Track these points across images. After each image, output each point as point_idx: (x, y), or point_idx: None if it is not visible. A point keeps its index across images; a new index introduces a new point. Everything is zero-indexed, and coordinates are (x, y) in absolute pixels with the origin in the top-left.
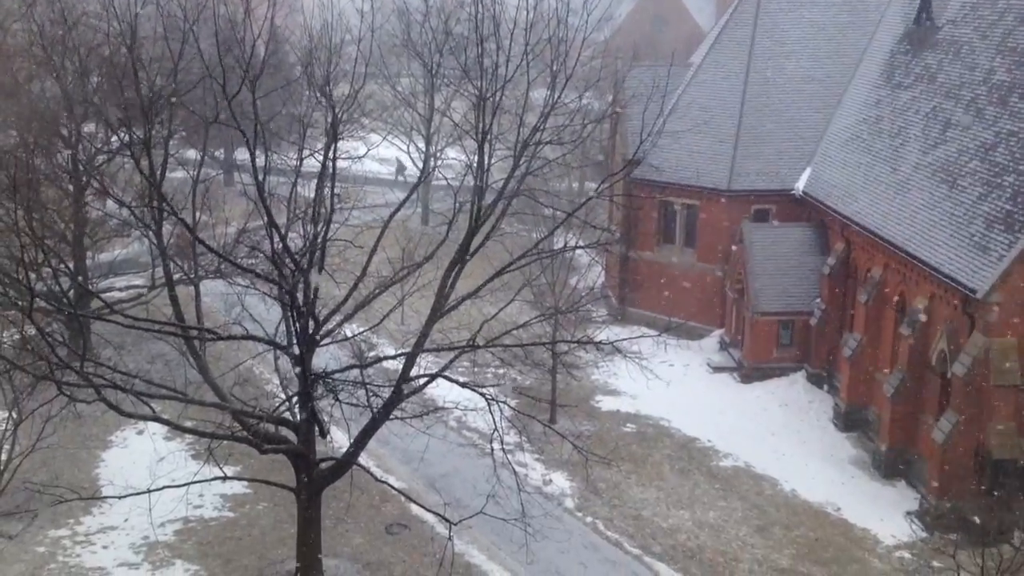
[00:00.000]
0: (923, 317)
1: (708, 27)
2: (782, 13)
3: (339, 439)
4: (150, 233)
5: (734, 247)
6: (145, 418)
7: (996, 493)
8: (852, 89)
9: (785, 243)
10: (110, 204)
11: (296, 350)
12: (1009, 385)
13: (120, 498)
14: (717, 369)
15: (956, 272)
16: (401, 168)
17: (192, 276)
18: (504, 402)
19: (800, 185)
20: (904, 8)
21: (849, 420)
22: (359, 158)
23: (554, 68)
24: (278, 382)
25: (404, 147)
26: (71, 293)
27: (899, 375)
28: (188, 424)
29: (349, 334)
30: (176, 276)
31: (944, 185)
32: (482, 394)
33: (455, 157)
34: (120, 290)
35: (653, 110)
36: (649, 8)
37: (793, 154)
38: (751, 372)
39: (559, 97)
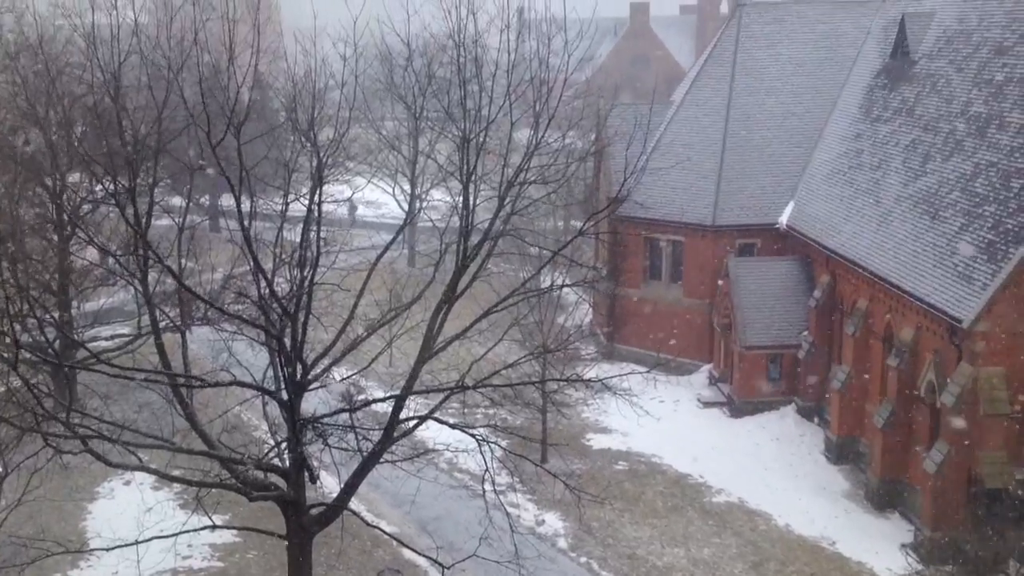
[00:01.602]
0: (909, 348)
1: (688, 65)
2: (760, 50)
3: (329, 484)
4: (136, 281)
5: (720, 282)
6: (132, 468)
7: (989, 523)
8: (832, 123)
9: (771, 277)
10: (95, 253)
11: (284, 395)
12: (998, 414)
13: (108, 550)
14: (707, 404)
15: (941, 302)
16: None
17: (179, 323)
18: (495, 443)
19: (784, 219)
20: (880, 43)
21: (841, 452)
22: (345, 201)
23: (537, 108)
24: (267, 428)
25: (390, 189)
26: (56, 343)
27: (889, 406)
28: (176, 473)
29: (338, 378)
30: (162, 324)
31: (926, 216)
32: (472, 435)
33: (440, 198)
34: (106, 339)
35: (636, 148)
36: (630, 48)
37: (776, 188)
38: (741, 406)
39: (542, 137)
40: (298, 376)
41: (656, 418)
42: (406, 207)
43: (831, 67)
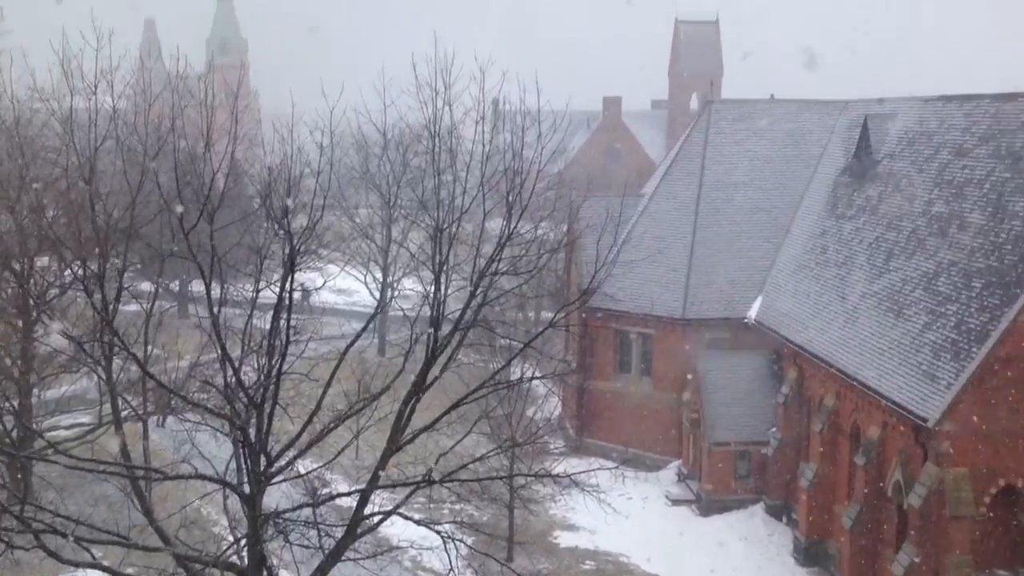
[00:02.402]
0: (876, 447)
1: (659, 159)
2: (729, 146)
3: None
4: (99, 368)
5: (690, 376)
6: (85, 565)
7: None
8: (798, 219)
9: (740, 372)
10: (59, 339)
11: (246, 489)
12: (964, 516)
13: None
14: (676, 502)
15: (907, 401)
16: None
17: (141, 413)
18: (460, 540)
19: (752, 313)
20: (844, 142)
21: (809, 554)
22: (316, 289)
23: (509, 199)
24: (226, 523)
25: (362, 277)
26: (14, 433)
27: (857, 506)
28: (130, 571)
29: (302, 471)
30: (124, 413)
31: (891, 313)
32: (438, 531)
33: (412, 287)
34: (66, 428)
35: (607, 240)
36: (602, 140)
37: (745, 283)
38: (710, 504)
39: (515, 227)
40: (261, 469)
41: (624, 516)
42: (378, 295)
43: (797, 164)
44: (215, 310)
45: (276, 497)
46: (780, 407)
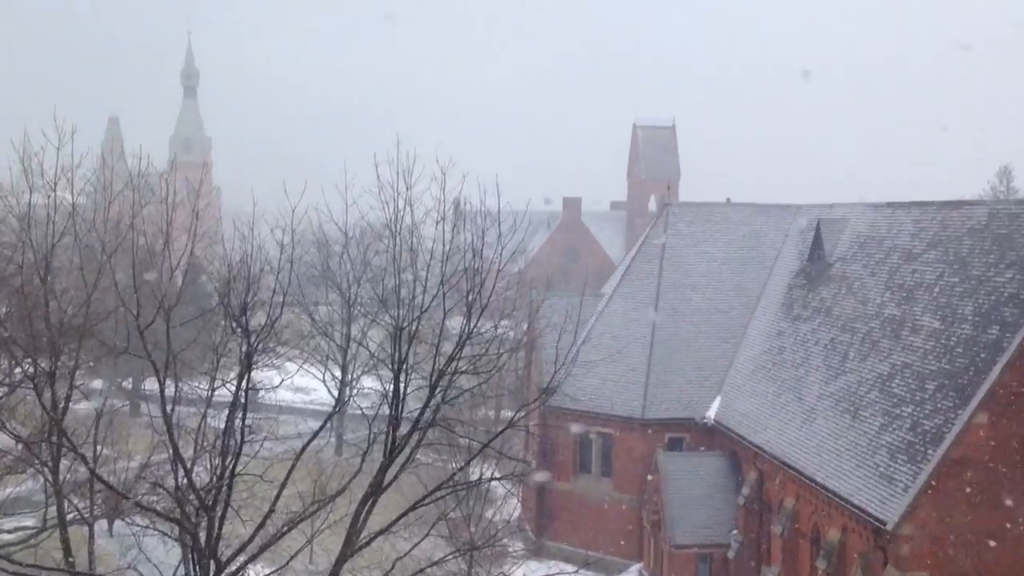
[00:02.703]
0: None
1: (618, 258)
2: (686, 248)
3: None
4: (46, 470)
5: (650, 477)
6: None
7: None
8: (755, 320)
9: (700, 473)
10: (5, 439)
11: None
12: None
13: None
14: None
15: (865, 503)
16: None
17: (88, 516)
18: None
19: (711, 414)
20: (798, 245)
21: None
22: (273, 388)
23: (470, 298)
24: None
25: (320, 376)
26: None
27: None
28: None
29: None
30: (71, 516)
31: (847, 415)
32: None
33: (371, 386)
34: (8, 532)
35: (567, 339)
36: (562, 240)
37: (703, 383)
38: None
39: (475, 326)
40: (211, 574)
41: None
42: (336, 394)
43: (753, 266)
44: (168, 409)
45: None
46: (741, 509)
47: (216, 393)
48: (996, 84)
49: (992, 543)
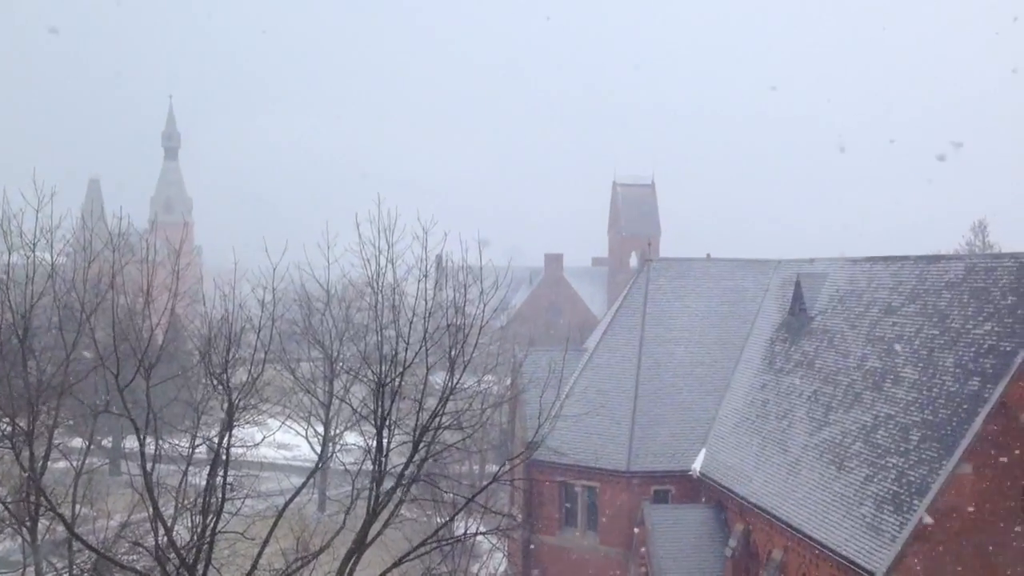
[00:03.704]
0: None
1: (600, 313)
2: (668, 302)
3: None
4: (23, 530)
5: (636, 529)
6: None
7: None
8: (738, 373)
9: (686, 525)
10: None
11: None
12: None
13: None
14: None
15: (853, 554)
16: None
17: None
18: None
19: (697, 466)
20: (779, 299)
21: None
22: (255, 445)
23: (452, 354)
24: None
25: (302, 432)
26: None
27: None
28: None
29: None
30: None
31: (832, 466)
32: None
33: (354, 442)
34: None
35: (550, 394)
36: (544, 295)
37: (688, 436)
38: None
39: (458, 381)
40: None
41: None
42: (319, 450)
43: (735, 320)
44: (148, 467)
45: None
46: (729, 561)
47: (197, 450)
48: (976, 138)
49: None
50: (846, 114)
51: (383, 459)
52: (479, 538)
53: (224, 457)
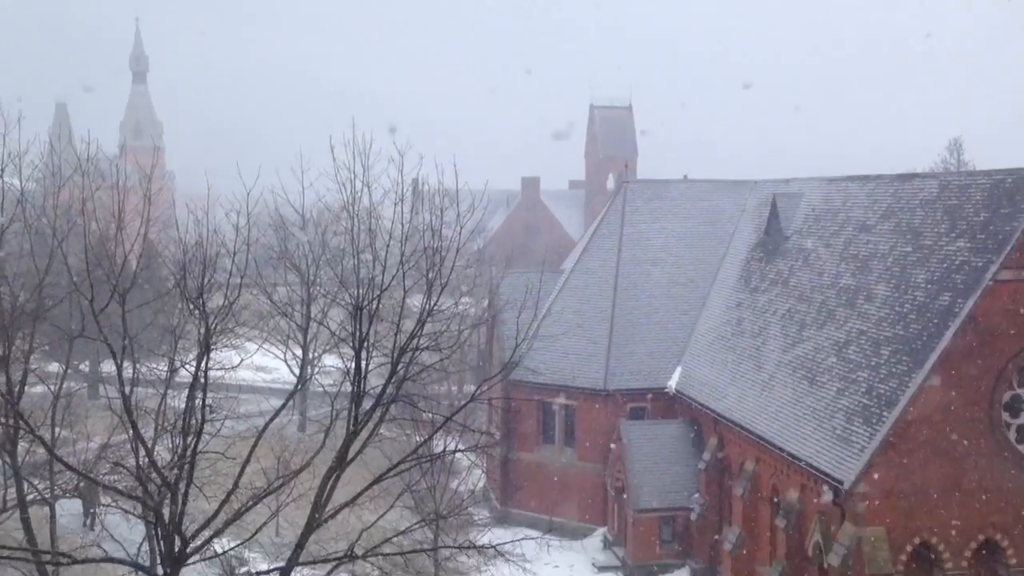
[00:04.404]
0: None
1: (577, 236)
2: (645, 224)
3: None
4: (4, 453)
5: (613, 445)
6: None
7: None
8: (714, 292)
9: (661, 440)
10: None
11: (160, 571)
12: (882, 574)
13: None
14: (602, 569)
15: (823, 464)
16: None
17: (48, 496)
18: None
19: (672, 383)
20: (755, 219)
21: None
22: (233, 368)
23: (429, 277)
24: None
25: (281, 355)
26: None
27: (779, 568)
28: None
29: (219, 550)
30: (30, 497)
31: (805, 381)
32: None
33: (332, 364)
34: None
35: (527, 315)
36: (521, 218)
37: (664, 354)
38: (636, 570)
39: (435, 304)
40: (176, 550)
41: None
42: (298, 372)
43: (711, 240)
44: (127, 390)
45: None
46: (702, 473)
47: (176, 374)
48: (948, 61)
49: (945, 499)
50: (821, 30)
51: (362, 380)
52: (458, 456)
53: (203, 380)
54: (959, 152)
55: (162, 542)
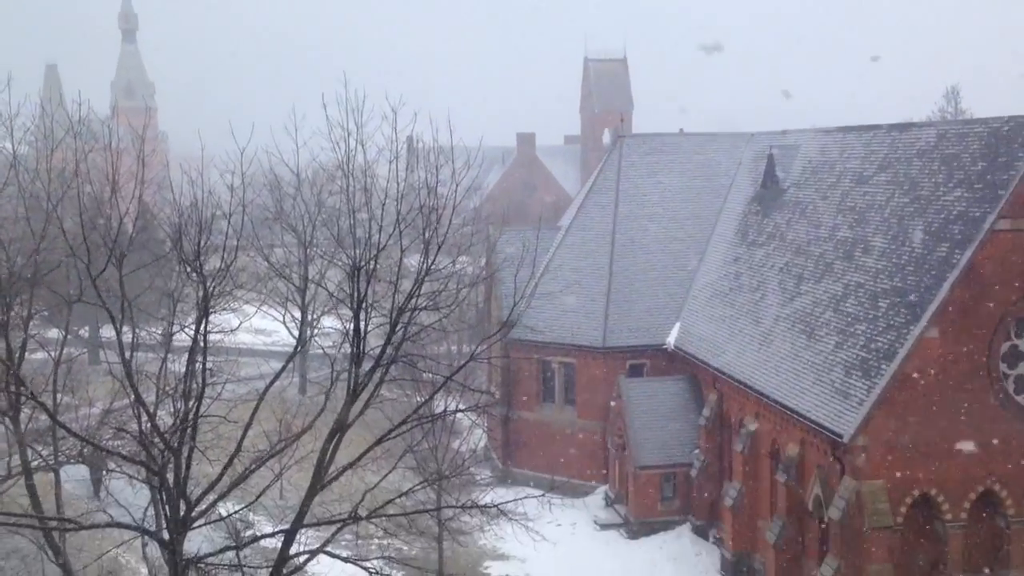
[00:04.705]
0: (796, 462)
1: (574, 192)
2: (641, 179)
3: None
4: (6, 419)
5: (613, 403)
6: None
7: None
8: (711, 247)
9: (661, 396)
10: None
11: (166, 535)
12: (882, 527)
13: None
14: (604, 526)
15: (822, 418)
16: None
17: (52, 463)
18: (390, 575)
19: (671, 340)
20: (752, 173)
21: (737, 570)
22: (232, 331)
23: (426, 236)
24: (146, 572)
25: (280, 317)
26: None
27: (780, 522)
28: None
29: (224, 513)
30: (35, 463)
31: (803, 335)
32: (366, 568)
33: (331, 326)
34: None
35: (525, 272)
36: (517, 175)
37: (662, 310)
38: (638, 527)
39: (432, 263)
40: (181, 513)
41: (554, 542)
42: (297, 334)
43: (708, 194)
44: (127, 355)
45: (197, 542)
46: (702, 429)
47: (175, 338)
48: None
49: (944, 451)
50: None
51: (361, 341)
52: (459, 415)
53: (202, 344)
54: (956, 100)
55: (167, 506)
